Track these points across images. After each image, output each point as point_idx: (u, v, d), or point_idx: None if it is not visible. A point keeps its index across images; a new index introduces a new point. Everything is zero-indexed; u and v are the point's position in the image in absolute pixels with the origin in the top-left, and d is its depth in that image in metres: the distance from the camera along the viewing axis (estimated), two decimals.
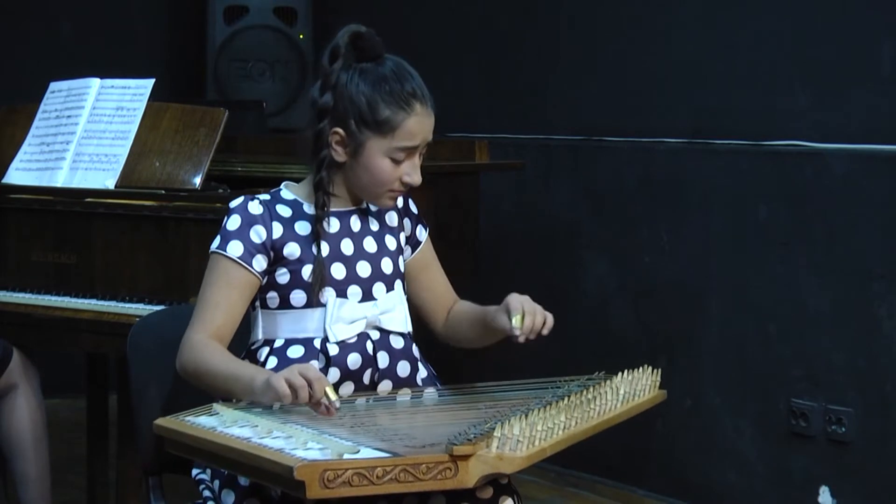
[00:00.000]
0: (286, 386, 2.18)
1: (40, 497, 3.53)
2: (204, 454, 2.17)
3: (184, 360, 2.37)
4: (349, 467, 1.97)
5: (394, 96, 2.40)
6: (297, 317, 2.44)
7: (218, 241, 2.43)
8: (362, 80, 2.42)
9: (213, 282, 2.41)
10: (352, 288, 2.46)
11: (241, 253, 2.40)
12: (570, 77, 4.80)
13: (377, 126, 2.40)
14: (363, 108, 2.40)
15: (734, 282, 4.14)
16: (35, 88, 3.87)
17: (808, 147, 3.97)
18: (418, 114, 2.42)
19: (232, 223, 2.43)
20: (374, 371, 2.46)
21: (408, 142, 2.42)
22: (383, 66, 2.44)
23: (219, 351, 2.36)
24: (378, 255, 2.51)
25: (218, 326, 2.38)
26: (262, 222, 2.42)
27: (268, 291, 2.45)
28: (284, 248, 2.43)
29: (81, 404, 4.10)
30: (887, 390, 3.74)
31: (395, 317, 2.49)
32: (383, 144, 2.41)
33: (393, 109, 2.40)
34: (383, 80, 2.42)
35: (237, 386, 2.29)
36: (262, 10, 5.70)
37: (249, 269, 2.41)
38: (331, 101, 2.42)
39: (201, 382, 2.36)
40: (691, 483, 4.28)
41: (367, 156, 2.42)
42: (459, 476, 2.04)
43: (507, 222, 4.87)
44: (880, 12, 3.84)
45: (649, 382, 2.57)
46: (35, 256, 3.59)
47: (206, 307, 2.40)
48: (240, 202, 2.46)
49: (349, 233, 2.49)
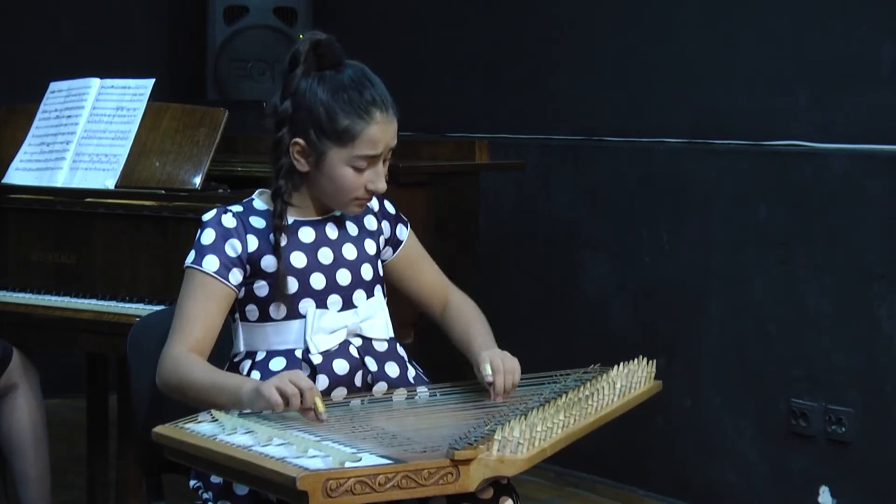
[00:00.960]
0: (277, 394, 2.17)
1: (40, 497, 3.53)
2: (204, 462, 2.16)
3: (165, 375, 2.36)
4: (351, 476, 1.97)
5: (352, 105, 2.38)
6: (277, 329, 2.43)
7: (193, 255, 2.41)
8: (321, 88, 2.39)
9: (190, 295, 2.40)
10: (332, 297, 2.45)
11: (216, 267, 2.39)
12: (570, 77, 4.80)
13: (336, 136, 2.38)
14: (322, 118, 2.38)
15: (734, 282, 4.14)
16: (35, 88, 3.87)
17: (808, 147, 3.97)
18: (378, 122, 2.39)
19: (206, 237, 2.42)
20: (366, 373, 2.46)
21: (369, 150, 2.39)
22: (342, 74, 2.41)
23: (200, 363, 2.35)
24: (358, 262, 2.49)
25: (197, 340, 2.37)
26: (236, 236, 2.41)
27: (247, 304, 2.44)
28: (261, 261, 2.42)
29: (81, 404, 4.10)
30: (887, 390, 3.73)
31: (376, 324, 2.49)
32: (344, 154, 2.39)
33: (352, 119, 2.38)
34: (342, 88, 2.39)
35: (222, 396, 2.28)
36: (262, 10, 5.70)
37: (226, 283, 2.40)
38: (290, 109, 2.40)
39: (185, 396, 2.35)
40: (691, 483, 4.27)
41: (329, 166, 2.40)
42: (461, 480, 2.04)
43: (507, 222, 4.87)
44: (880, 13, 3.84)
45: (645, 374, 2.57)
46: (35, 256, 3.59)
47: (184, 321, 2.38)
48: (212, 215, 2.44)
49: (326, 241, 2.48)
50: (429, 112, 5.19)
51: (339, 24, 5.60)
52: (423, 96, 5.22)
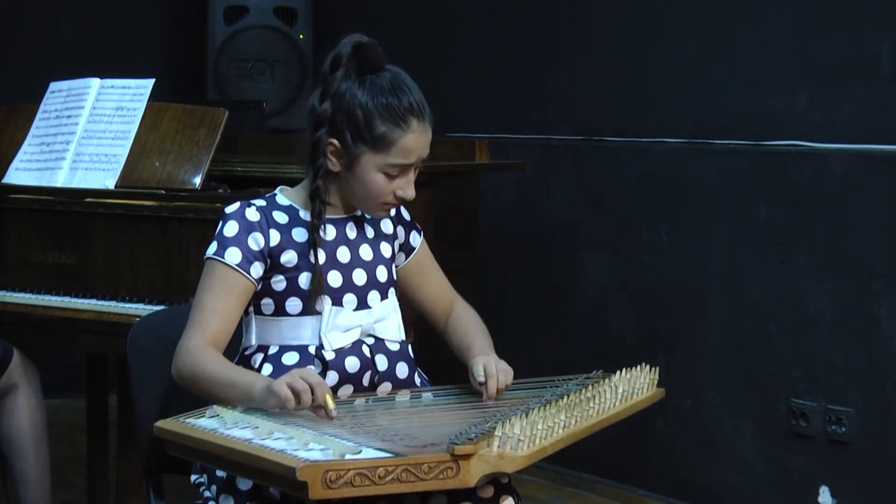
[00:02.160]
0: (289, 391, 2.18)
1: (40, 497, 3.53)
2: (205, 456, 2.17)
3: (179, 366, 2.36)
4: (351, 468, 1.97)
5: (390, 112, 2.38)
6: (292, 324, 2.43)
7: (215, 246, 2.41)
8: (360, 92, 2.39)
9: (210, 287, 2.39)
10: (347, 296, 2.45)
11: (239, 260, 2.39)
12: (570, 77, 4.80)
13: (373, 142, 2.38)
14: (360, 123, 2.38)
15: (734, 282, 4.14)
16: (35, 88, 3.87)
17: (808, 147, 3.97)
18: (415, 131, 2.40)
19: (229, 229, 2.41)
20: (374, 373, 2.46)
21: (402, 159, 2.40)
22: (382, 79, 2.41)
23: (215, 357, 2.34)
24: (373, 263, 2.50)
25: (214, 332, 2.37)
26: (259, 229, 2.41)
27: (262, 297, 2.44)
28: (282, 256, 2.42)
29: (81, 404, 4.10)
30: (887, 390, 3.74)
31: (390, 325, 2.49)
32: (378, 160, 2.39)
33: (389, 126, 2.38)
34: (380, 93, 2.39)
35: (235, 392, 2.29)
36: (262, 10, 5.70)
37: (247, 276, 2.40)
38: (329, 110, 2.40)
39: (197, 388, 2.35)
40: (691, 483, 4.28)
41: (361, 169, 2.40)
42: (461, 475, 2.05)
43: (507, 222, 4.87)
44: (880, 13, 3.84)
45: (647, 381, 2.57)
46: (35, 256, 3.59)
47: (202, 313, 2.38)
48: (236, 208, 2.44)
49: (345, 240, 2.48)
50: None
51: (339, 25, 5.60)
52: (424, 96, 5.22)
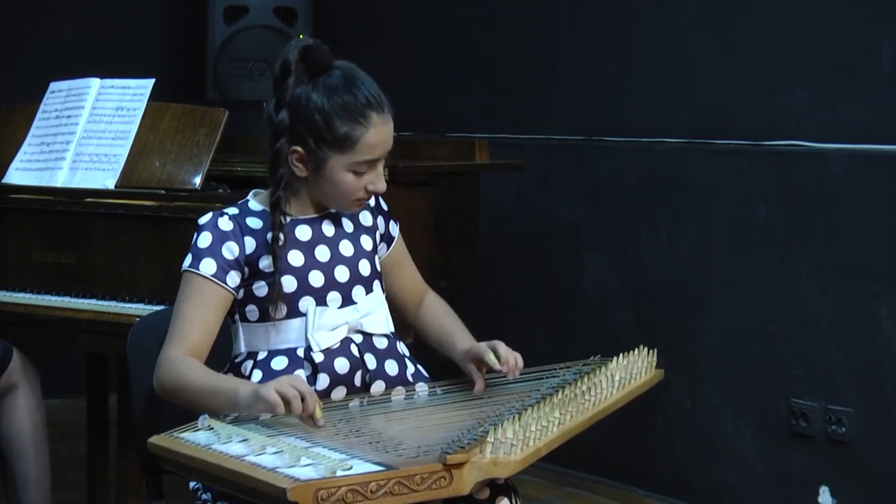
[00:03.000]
0: (277, 397, 2.17)
1: (40, 497, 3.53)
2: (198, 473, 2.16)
3: (162, 378, 2.36)
4: (343, 484, 1.96)
5: (348, 110, 2.37)
6: (278, 328, 2.43)
7: (189, 259, 2.41)
8: (315, 95, 2.38)
9: (187, 299, 2.40)
10: (331, 294, 2.45)
11: (214, 270, 2.39)
12: (570, 77, 4.80)
13: (336, 143, 2.38)
14: (320, 126, 2.38)
15: (734, 282, 4.14)
16: (35, 88, 3.87)
17: (808, 147, 3.97)
18: (375, 125, 2.39)
19: (203, 240, 2.41)
20: (365, 373, 2.46)
21: (368, 155, 2.40)
22: (333, 77, 2.40)
23: (197, 366, 2.34)
24: (355, 258, 2.50)
25: (194, 343, 2.37)
26: (233, 238, 2.41)
27: (247, 304, 2.44)
28: (260, 262, 2.42)
29: (81, 404, 4.10)
30: (887, 390, 3.73)
31: (377, 319, 2.49)
32: (344, 160, 2.39)
33: (349, 125, 2.38)
34: (335, 93, 2.38)
35: (219, 400, 2.28)
36: (262, 10, 5.70)
37: (223, 286, 2.40)
38: (287, 118, 2.40)
39: (182, 399, 2.34)
40: (691, 483, 4.27)
41: (330, 171, 2.40)
42: (454, 484, 2.05)
43: (507, 222, 4.87)
44: (880, 13, 3.84)
45: (645, 364, 2.57)
46: (35, 256, 3.59)
47: (181, 325, 2.38)
48: (209, 219, 2.44)
49: (323, 238, 2.48)
50: (429, 112, 5.19)
51: (339, 25, 5.60)
52: (423, 96, 5.22)
